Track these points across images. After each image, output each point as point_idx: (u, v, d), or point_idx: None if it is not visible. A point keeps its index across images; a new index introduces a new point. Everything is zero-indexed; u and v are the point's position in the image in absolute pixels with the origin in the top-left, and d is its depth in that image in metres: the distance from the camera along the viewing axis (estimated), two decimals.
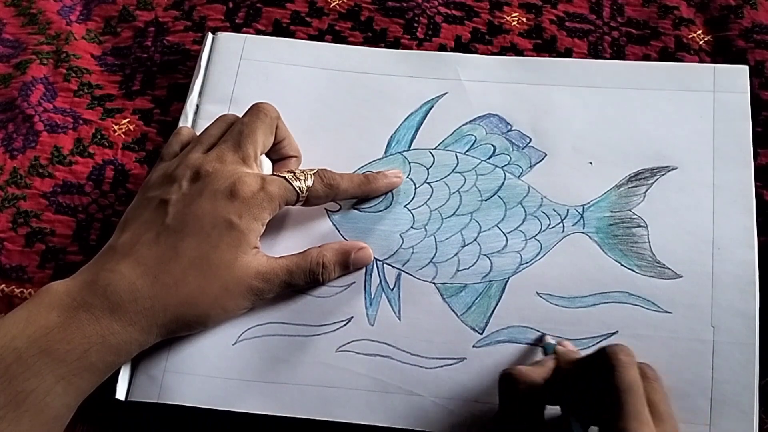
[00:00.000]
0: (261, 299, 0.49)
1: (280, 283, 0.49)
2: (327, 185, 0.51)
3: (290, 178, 0.50)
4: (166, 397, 0.49)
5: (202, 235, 0.47)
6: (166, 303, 0.45)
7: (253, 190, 0.48)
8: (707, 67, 0.57)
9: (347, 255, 0.51)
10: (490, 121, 0.57)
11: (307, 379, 0.49)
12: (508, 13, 0.63)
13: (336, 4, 0.64)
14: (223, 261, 0.47)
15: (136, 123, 0.60)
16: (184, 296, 0.46)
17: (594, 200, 0.53)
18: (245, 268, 0.47)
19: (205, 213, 0.47)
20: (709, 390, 0.47)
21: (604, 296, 0.50)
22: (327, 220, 0.54)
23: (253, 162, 0.50)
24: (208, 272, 0.46)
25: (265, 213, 0.49)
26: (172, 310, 0.46)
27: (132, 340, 0.45)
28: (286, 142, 0.54)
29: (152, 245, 0.47)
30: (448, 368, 0.49)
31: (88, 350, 0.43)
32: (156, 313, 0.45)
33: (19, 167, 0.58)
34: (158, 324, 0.46)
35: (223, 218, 0.47)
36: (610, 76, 0.57)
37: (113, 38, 0.64)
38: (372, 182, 0.53)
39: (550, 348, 0.48)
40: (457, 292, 0.51)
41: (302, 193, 0.50)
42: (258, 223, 0.48)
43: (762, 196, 0.54)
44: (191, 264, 0.46)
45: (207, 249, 0.47)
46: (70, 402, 0.43)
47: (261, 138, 0.51)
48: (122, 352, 0.45)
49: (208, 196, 0.48)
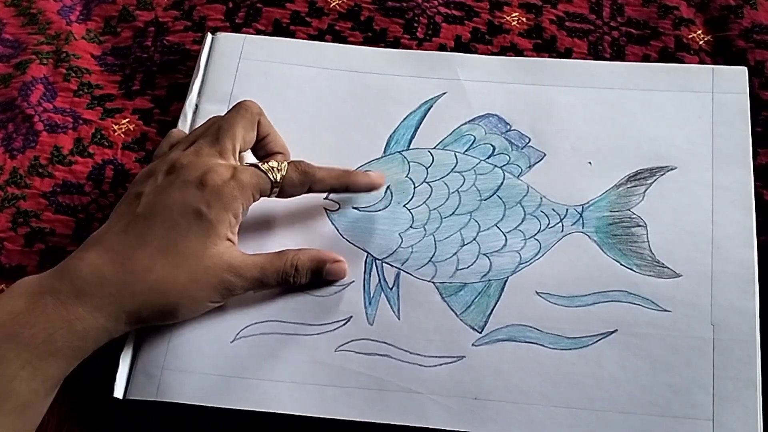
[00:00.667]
0: (232, 294, 0.48)
1: (252, 280, 0.48)
2: (302, 172, 0.50)
3: (263, 166, 0.49)
4: (164, 395, 0.48)
5: (170, 223, 0.47)
6: (134, 289, 0.45)
7: (223, 179, 0.48)
8: (706, 68, 0.57)
9: (322, 264, 0.50)
10: (490, 121, 0.57)
11: (306, 378, 0.49)
12: (508, 13, 0.63)
13: (336, 4, 0.64)
14: (191, 250, 0.47)
15: (136, 123, 0.60)
16: (152, 283, 0.46)
17: (593, 200, 0.54)
18: (215, 259, 0.47)
19: (175, 201, 0.47)
20: (710, 386, 0.47)
21: (603, 295, 0.50)
22: (326, 219, 0.54)
23: (230, 155, 0.50)
24: (176, 260, 0.46)
25: (237, 203, 0.48)
26: (140, 297, 0.45)
27: (99, 326, 0.44)
28: (270, 138, 0.53)
29: (121, 233, 0.47)
30: (448, 366, 0.49)
31: (53, 335, 0.43)
32: (123, 300, 0.45)
33: (19, 167, 0.58)
34: (126, 311, 0.45)
35: (191, 207, 0.47)
36: (609, 76, 0.58)
37: (113, 38, 0.65)
38: (351, 176, 0.52)
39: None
40: (456, 291, 0.51)
41: (276, 181, 0.49)
42: (228, 213, 0.48)
43: (762, 195, 0.54)
44: (159, 251, 0.46)
45: (175, 237, 0.46)
46: (38, 388, 0.43)
47: (240, 132, 0.51)
48: (89, 338, 0.44)
49: (179, 185, 0.48)
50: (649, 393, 0.47)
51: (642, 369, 0.48)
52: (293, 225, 0.54)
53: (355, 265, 0.52)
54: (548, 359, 0.48)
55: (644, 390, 0.47)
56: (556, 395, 0.48)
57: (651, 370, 0.48)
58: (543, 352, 0.49)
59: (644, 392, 0.47)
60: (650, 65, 0.59)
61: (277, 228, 0.53)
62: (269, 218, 0.53)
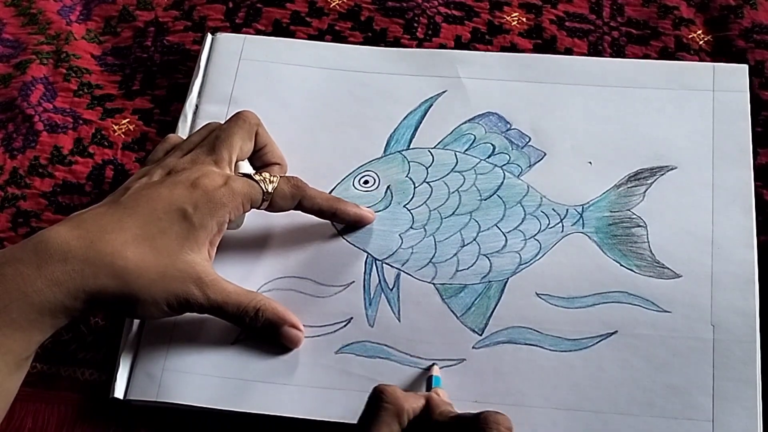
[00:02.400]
0: (187, 309, 0.47)
1: (213, 302, 0.47)
2: (293, 186, 0.50)
3: (256, 177, 0.49)
4: (164, 396, 0.48)
5: (152, 216, 0.46)
6: (98, 271, 0.44)
7: (215, 185, 0.47)
8: (707, 65, 0.57)
9: (282, 322, 0.49)
10: (490, 120, 0.57)
11: (306, 380, 0.49)
12: (508, 13, 0.63)
13: (336, 4, 0.64)
14: (167, 248, 0.46)
15: (136, 123, 0.60)
16: (119, 269, 0.44)
17: (593, 200, 0.53)
18: (187, 266, 0.46)
19: (161, 197, 0.47)
20: (710, 387, 0.47)
21: (603, 296, 0.50)
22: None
23: (226, 165, 0.50)
24: (148, 254, 0.45)
25: (224, 210, 0.47)
26: (102, 280, 0.44)
27: (56, 301, 0.43)
28: (267, 149, 0.53)
29: (98, 215, 0.46)
30: (448, 370, 0.49)
31: (9, 305, 0.42)
32: (85, 278, 0.43)
33: (19, 167, 0.58)
34: (86, 290, 0.44)
35: (177, 206, 0.46)
36: (610, 74, 0.58)
37: (113, 38, 0.65)
38: (341, 203, 0.52)
39: (437, 382, 0.47)
40: (456, 292, 0.51)
41: (267, 192, 0.49)
42: (213, 220, 0.47)
43: (762, 195, 0.54)
44: (134, 240, 0.45)
45: (154, 232, 0.46)
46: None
47: (238, 143, 0.50)
48: (45, 312, 0.43)
49: (169, 184, 0.47)
50: (649, 394, 0.47)
51: (642, 370, 0.48)
52: (294, 225, 0.54)
53: (355, 265, 0.52)
54: (548, 362, 0.49)
55: (644, 391, 0.47)
56: (556, 397, 0.48)
57: (651, 372, 0.48)
58: (543, 354, 0.49)
59: (644, 393, 0.47)
60: (651, 62, 0.59)
61: (277, 228, 0.53)
62: (271, 218, 0.53)
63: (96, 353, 0.52)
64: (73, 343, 0.52)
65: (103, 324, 0.52)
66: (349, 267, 0.52)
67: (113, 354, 0.51)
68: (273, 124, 0.54)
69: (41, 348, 0.45)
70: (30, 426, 0.49)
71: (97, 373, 0.51)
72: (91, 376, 0.51)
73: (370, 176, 0.55)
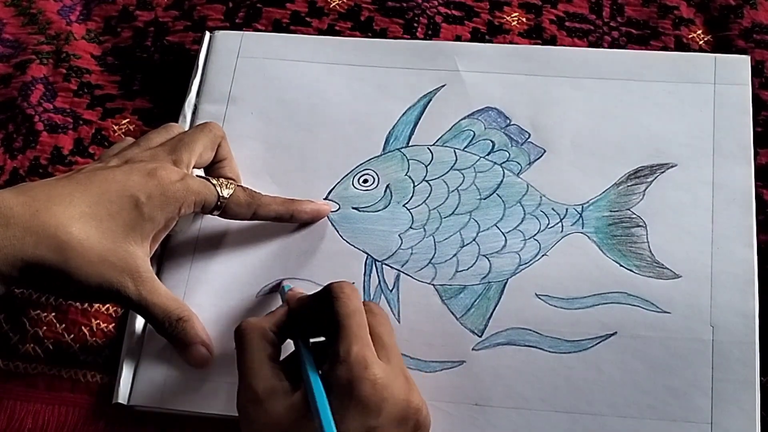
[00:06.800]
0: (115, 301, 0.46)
1: (142, 300, 0.46)
2: (249, 194, 0.50)
3: (213, 180, 0.49)
4: (169, 403, 0.49)
5: (103, 197, 0.45)
6: (39, 241, 0.43)
7: (172, 179, 0.47)
8: (708, 56, 0.57)
9: (194, 339, 0.48)
10: (489, 116, 0.57)
11: None
12: (508, 13, 0.63)
13: (336, 4, 0.64)
14: (112, 232, 0.45)
15: (136, 123, 0.60)
16: (60, 242, 0.43)
17: (593, 199, 0.53)
18: (127, 256, 0.45)
19: (116, 180, 0.46)
20: (709, 389, 0.47)
21: (602, 297, 0.50)
22: (325, 220, 0.54)
23: (184, 168, 0.49)
24: (93, 234, 0.44)
25: (176, 205, 0.47)
26: (42, 251, 0.43)
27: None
28: (226, 163, 0.53)
29: (48, 185, 0.45)
30: (448, 372, 0.49)
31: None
32: (25, 247, 0.42)
33: (19, 167, 0.58)
34: (24, 259, 0.42)
35: (131, 192, 0.46)
36: (610, 65, 0.57)
37: (113, 38, 0.64)
38: (296, 204, 0.52)
39: (287, 288, 0.50)
40: (456, 293, 0.51)
41: (222, 196, 0.49)
42: (162, 215, 0.46)
43: (762, 195, 0.54)
44: (81, 217, 0.44)
45: (102, 213, 0.45)
46: None
47: (199, 149, 0.50)
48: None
49: (126, 170, 0.47)
50: (648, 396, 0.47)
51: (641, 372, 0.48)
52: (293, 226, 0.54)
53: (355, 266, 0.52)
54: (548, 363, 0.49)
55: (643, 393, 0.47)
56: (555, 400, 0.48)
57: (650, 373, 0.48)
58: (542, 356, 0.49)
59: (643, 395, 0.47)
60: (652, 53, 0.58)
61: (277, 229, 0.53)
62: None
63: (97, 356, 0.52)
64: (74, 344, 0.52)
65: (106, 327, 0.52)
66: (348, 268, 0.52)
67: (115, 356, 0.51)
68: (271, 122, 0.53)
69: (42, 349, 0.45)
70: (30, 426, 0.50)
71: (98, 375, 0.51)
72: (93, 378, 0.51)
73: (369, 175, 0.55)
